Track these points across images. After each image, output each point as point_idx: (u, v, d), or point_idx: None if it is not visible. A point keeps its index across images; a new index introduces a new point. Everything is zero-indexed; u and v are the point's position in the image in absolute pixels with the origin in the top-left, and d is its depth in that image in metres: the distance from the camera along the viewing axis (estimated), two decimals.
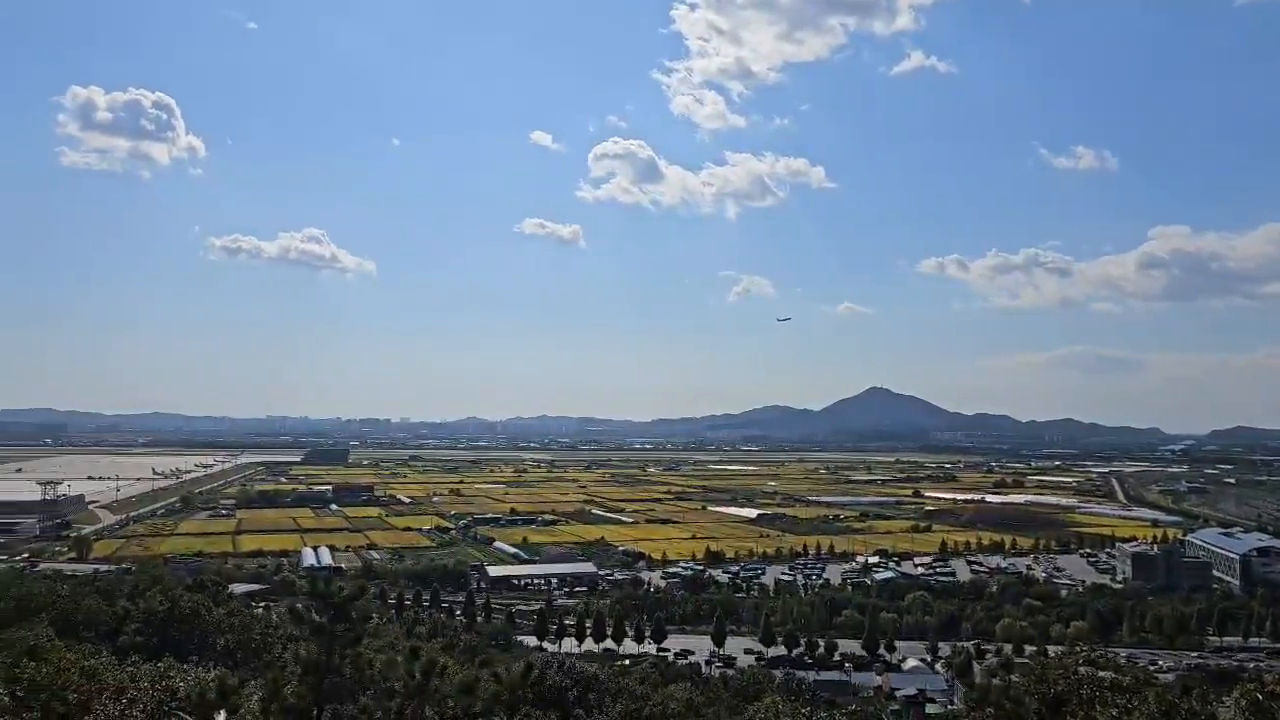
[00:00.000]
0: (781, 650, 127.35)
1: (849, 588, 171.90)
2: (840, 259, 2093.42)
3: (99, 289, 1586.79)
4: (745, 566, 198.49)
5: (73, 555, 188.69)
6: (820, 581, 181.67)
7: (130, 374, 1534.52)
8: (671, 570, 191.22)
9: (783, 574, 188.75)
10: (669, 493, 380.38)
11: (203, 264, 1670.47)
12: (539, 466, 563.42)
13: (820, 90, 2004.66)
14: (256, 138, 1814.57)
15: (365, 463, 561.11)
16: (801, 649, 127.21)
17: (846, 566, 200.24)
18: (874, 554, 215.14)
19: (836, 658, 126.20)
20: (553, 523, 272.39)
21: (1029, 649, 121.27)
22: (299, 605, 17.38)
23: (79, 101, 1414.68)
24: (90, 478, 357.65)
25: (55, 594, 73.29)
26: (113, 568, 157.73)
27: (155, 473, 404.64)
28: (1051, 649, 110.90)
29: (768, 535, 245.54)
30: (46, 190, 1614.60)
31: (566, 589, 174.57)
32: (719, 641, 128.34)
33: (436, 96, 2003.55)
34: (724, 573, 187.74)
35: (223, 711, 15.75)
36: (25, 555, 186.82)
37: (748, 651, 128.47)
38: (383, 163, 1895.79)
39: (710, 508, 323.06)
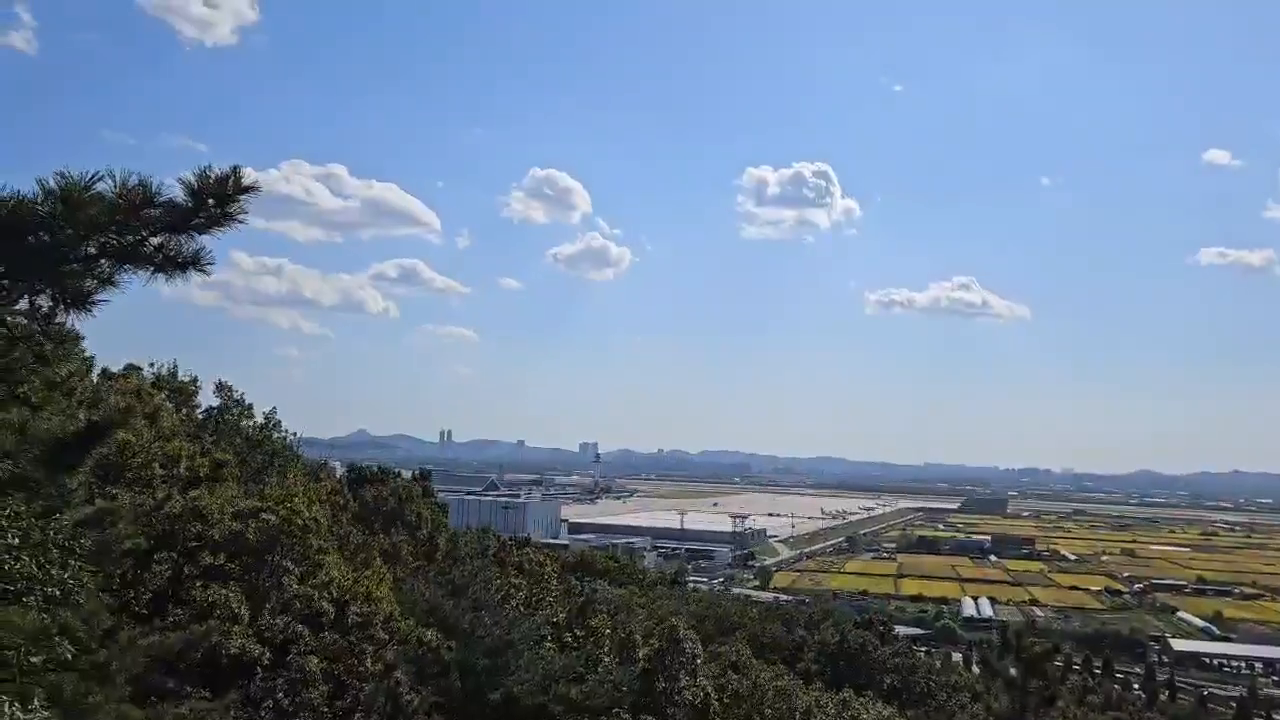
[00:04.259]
0: None
1: None
2: None
3: (776, 344, 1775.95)
4: None
5: (756, 584, 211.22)
6: None
7: (802, 420, 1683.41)
8: None
9: None
10: None
11: (861, 318, 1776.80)
12: (1233, 530, 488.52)
13: None
14: (903, 193, 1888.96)
15: (1025, 514, 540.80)
16: None
17: None
18: None
19: None
20: (1254, 596, 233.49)
21: None
22: (992, 655, 17.25)
23: (754, 181, 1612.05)
24: (769, 514, 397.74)
25: (748, 616, 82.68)
26: (790, 598, 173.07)
27: (824, 512, 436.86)
28: None
29: None
30: (732, 259, 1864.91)
31: (1275, 677, 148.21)
32: None
33: (1088, 128, 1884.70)
34: None
35: None
36: (720, 579, 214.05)
37: None
38: (1033, 204, 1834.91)
39: None
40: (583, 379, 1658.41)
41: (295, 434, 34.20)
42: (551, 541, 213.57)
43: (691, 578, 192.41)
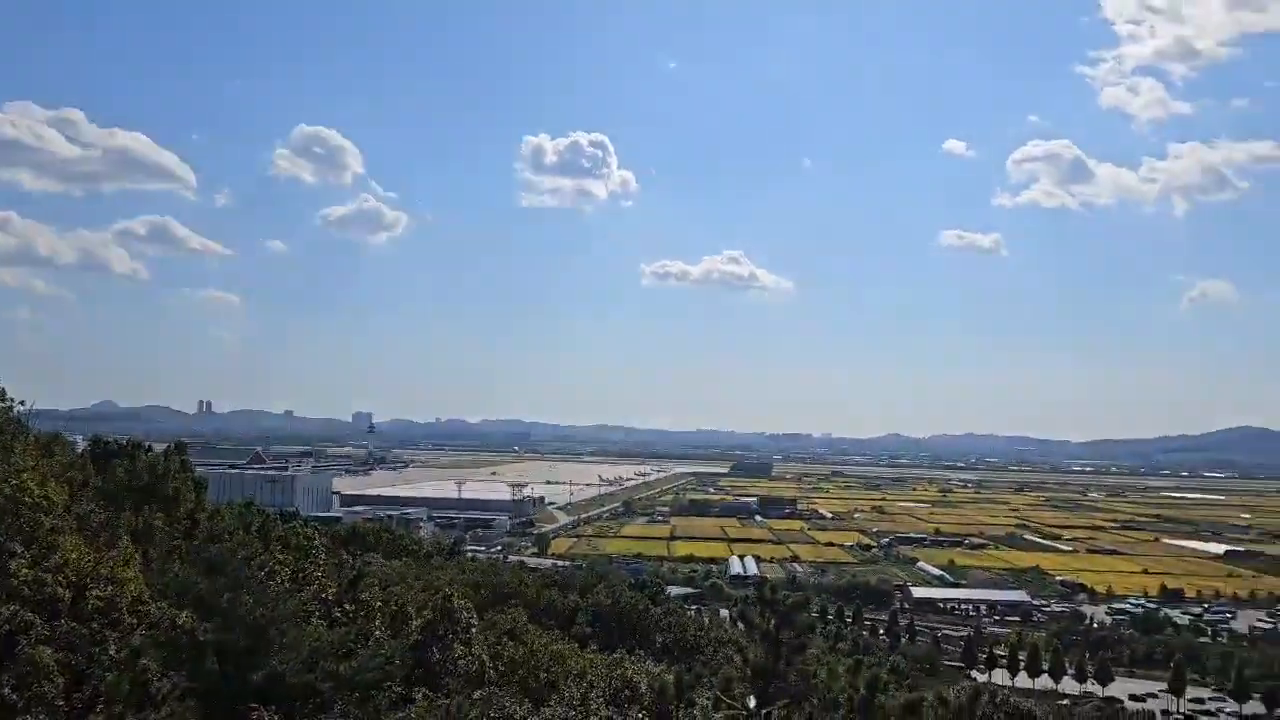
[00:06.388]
0: (1259, 708, 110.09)
1: None
2: None
3: (556, 314, 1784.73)
4: (1210, 608, 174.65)
5: (534, 550, 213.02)
6: None
7: (581, 389, 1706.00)
8: (1118, 606, 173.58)
9: (1260, 620, 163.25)
10: (1114, 521, 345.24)
11: (637, 289, 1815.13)
12: (965, 486, 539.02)
13: None
14: (677, 167, 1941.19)
15: (788, 476, 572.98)
16: None
17: None
18: None
19: None
20: (981, 546, 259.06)
21: None
22: (749, 609, 18.20)
23: (532, 149, 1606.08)
24: (548, 482, 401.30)
25: (524, 584, 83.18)
26: (567, 563, 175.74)
27: (601, 479, 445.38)
28: None
29: (1238, 575, 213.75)
30: (510, 229, 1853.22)
31: (997, 617, 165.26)
32: (1178, 690, 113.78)
33: (844, 114, 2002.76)
34: (1183, 614, 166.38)
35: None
36: (499, 548, 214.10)
37: (1215, 706, 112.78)
38: (796, 183, 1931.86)
39: (1165, 540, 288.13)
40: (357, 347, 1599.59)
41: (24, 404, 30.80)
42: (322, 515, 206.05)
43: (469, 547, 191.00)
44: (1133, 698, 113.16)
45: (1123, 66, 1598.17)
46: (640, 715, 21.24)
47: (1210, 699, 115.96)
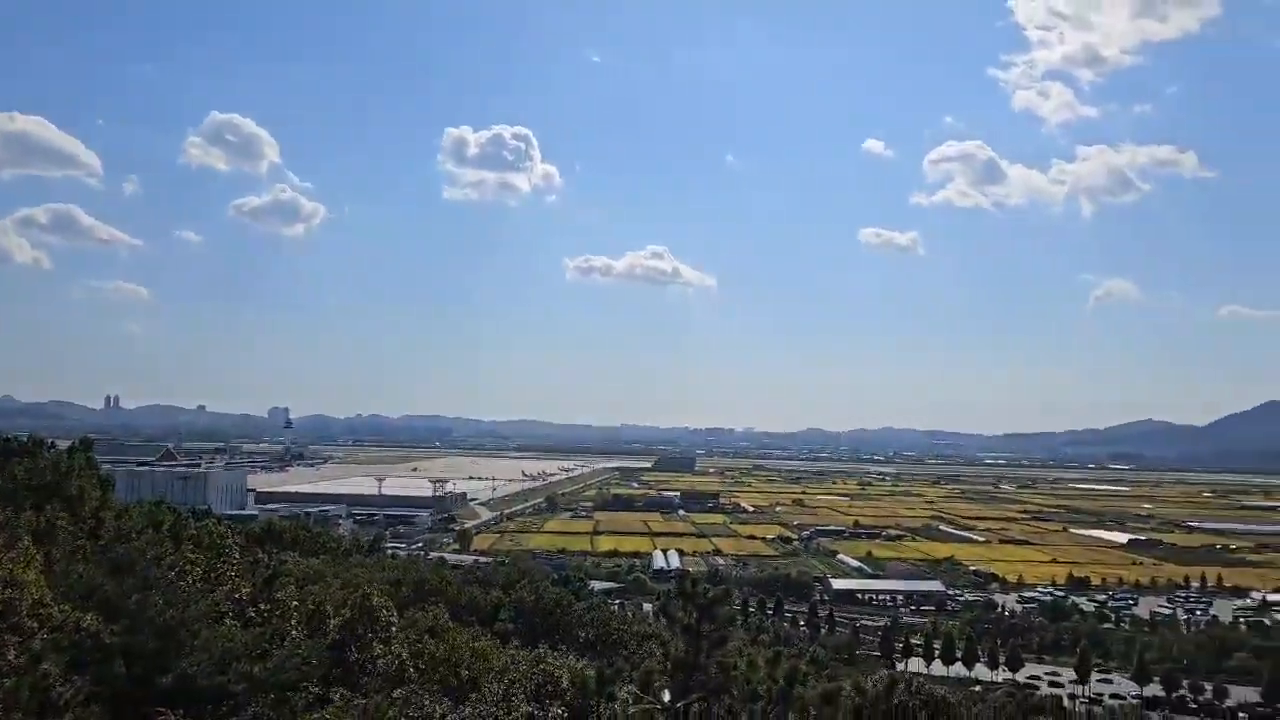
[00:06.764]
0: (1158, 691, 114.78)
1: (1243, 627, 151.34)
2: (1220, 257, 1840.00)
3: (478, 309, 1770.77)
4: (1114, 595, 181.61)
5: (456, 547, 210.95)
6: (1206, 618, 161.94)
7: (505, 385, 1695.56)
8: (1028, 595, 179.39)
9: (1160, 606, 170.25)
10: (1024, 512, 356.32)
11: (561, 283, 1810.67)
12: (883, 480, 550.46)
13: (1188, 70, 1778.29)
14: (601, 162, 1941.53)
15: (711, 471, 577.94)
16: (1183, 691, 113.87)
17: (1239, 603, 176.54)
18: (1275, 590, 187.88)
19: (1228, 705, 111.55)
20: (898, 538, 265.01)
21: None
22: (670, 603, 18.29)
23: (454, 141, 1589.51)
24: (471, 478, 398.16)
25: (445, 580, 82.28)
26: (489, 560, 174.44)
27: (525, 474, 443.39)
28: None
29: (1141, 563, 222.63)
30: (431, 221, 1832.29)
31: (913, 606, 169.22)
32: (1083, 675, 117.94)
33: (767, 112, 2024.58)
34: (1089, 601, 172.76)
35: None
36: (420, 545, 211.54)
37: (1118, 690, 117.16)
38: (719, 180, 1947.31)
39: (1072, 530, 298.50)
40: (273, 341, 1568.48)
41: None
42: (237, 513, 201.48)
43: (390, 544, 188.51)
44: (1048, 681, 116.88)
45: (1034, 71, 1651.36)
46: (561, 711, 21.22)
47: (1098, 679, 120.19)
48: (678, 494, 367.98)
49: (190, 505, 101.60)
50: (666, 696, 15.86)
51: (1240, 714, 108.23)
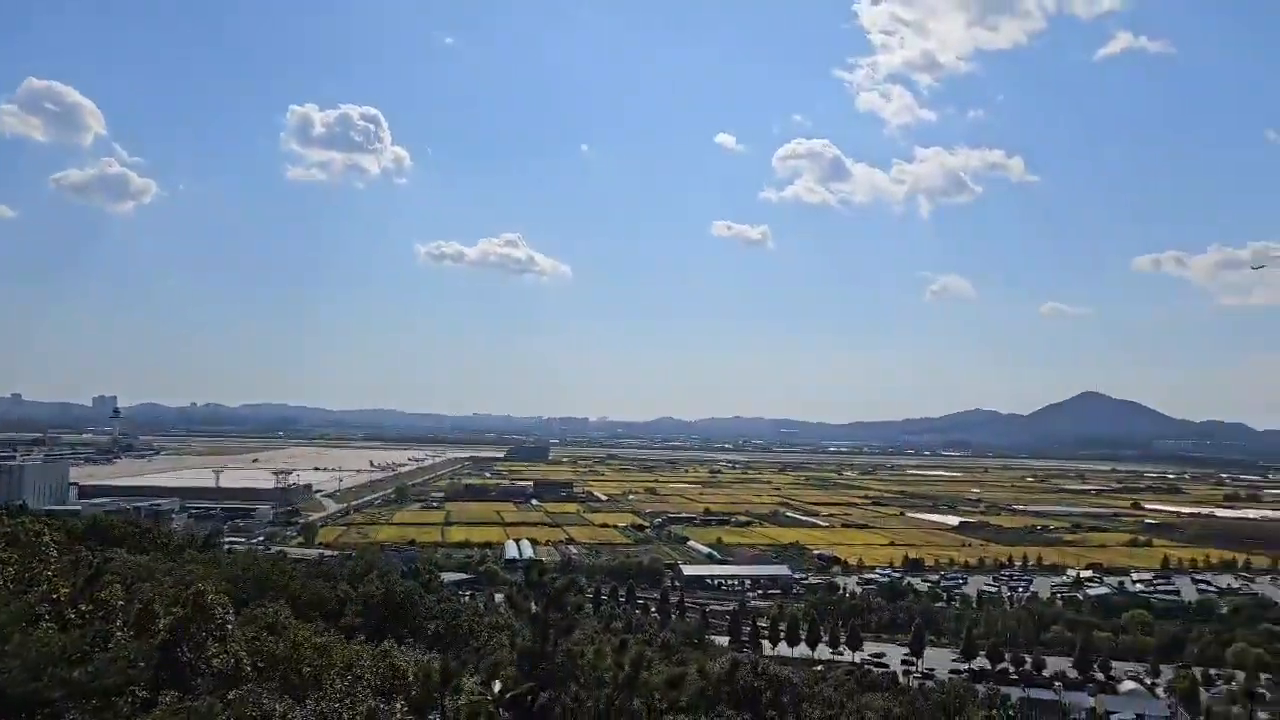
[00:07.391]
0: (984, 664, 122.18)
1: (1058, 602, 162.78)
2: (1044, 256, 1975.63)
3: (325, 292, 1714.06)
4: (946, 576, 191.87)
5: (300, 540, 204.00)
6: (1027, 594, 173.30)
7: (352, 373, 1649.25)
8: (868, 577, 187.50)
9: (986, 585, 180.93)
10: (865, 497, 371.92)
11: (412, 269, 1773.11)
12: (733, 468, 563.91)
13: (1016, 78, 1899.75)
14: (454, 147, 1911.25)
15: (564, 460, 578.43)
16: (1006, 664, 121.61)
17: (1056, 580, 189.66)
18: (1086, 568, 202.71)
19: (1045, 675, 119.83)
20: (746, 524, 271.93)
21: (1264, 677, 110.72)
22: (517, 594, 18.17)
23: (298, 119, 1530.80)
24: (316, 469, 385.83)
25: (287, 575, 79.42)
26: (335, 553, 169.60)
27: (373, 465, 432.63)
28: None
29: (970, 544, 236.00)
30: (274, 202, 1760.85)
31: (760, 591, 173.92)
32: (917, 652, 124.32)
33: (622, 103, 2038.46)
34: (923, 581, 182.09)
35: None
36: (261, 539, 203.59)
37: (949, 664, 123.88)
38: (574, 168, 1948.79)
39: (909, 514, 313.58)
40: (98, 325, 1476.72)
41: None
42: (57, 508, 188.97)
43: (228, 539, 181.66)
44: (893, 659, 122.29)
45: (876, 74, 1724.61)
46: (403, 705, 20.82)
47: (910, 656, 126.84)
48: (531, 483, 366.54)
49: (4, 501, 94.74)
50: (497, 687, 15.72)
51: (1055, 682, 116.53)
